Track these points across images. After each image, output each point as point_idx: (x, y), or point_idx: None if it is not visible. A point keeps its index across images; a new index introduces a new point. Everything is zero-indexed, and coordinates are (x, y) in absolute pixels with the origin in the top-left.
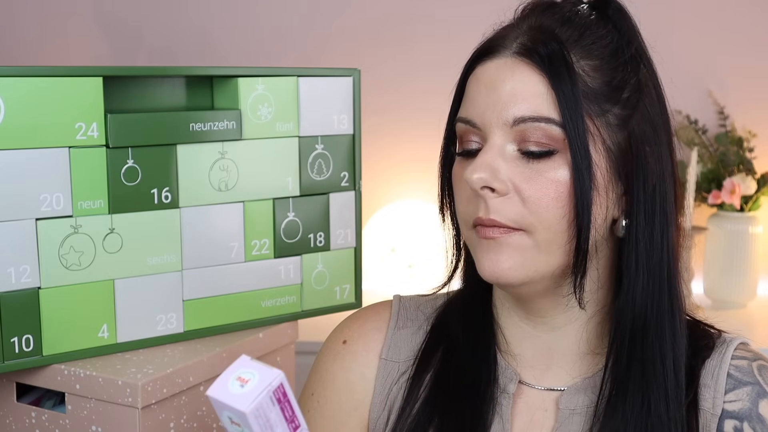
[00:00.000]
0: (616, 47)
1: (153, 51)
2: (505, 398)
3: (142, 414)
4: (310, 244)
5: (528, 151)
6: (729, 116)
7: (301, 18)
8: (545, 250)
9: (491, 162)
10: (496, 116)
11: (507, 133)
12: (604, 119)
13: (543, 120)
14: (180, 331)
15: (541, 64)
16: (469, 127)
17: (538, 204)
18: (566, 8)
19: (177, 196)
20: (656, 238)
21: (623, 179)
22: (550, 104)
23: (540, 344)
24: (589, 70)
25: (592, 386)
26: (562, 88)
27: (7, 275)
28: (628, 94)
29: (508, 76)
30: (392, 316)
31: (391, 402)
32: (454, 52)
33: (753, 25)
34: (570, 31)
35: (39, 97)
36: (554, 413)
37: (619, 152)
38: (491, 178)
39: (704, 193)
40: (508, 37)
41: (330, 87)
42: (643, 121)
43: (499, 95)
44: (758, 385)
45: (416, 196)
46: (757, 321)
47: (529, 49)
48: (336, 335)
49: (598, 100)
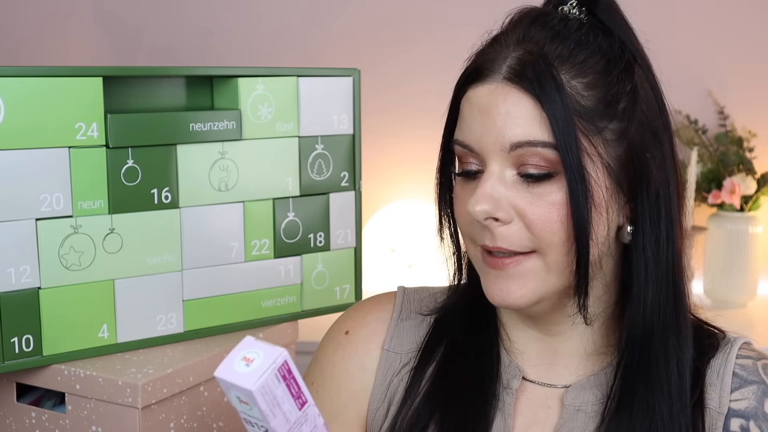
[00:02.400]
0: (608, 59)
1: (153, 51)
2: (508, 394)
3: (142, 414)
4: (310, 244)
5: (527, 174)
6: (729, 116)
7: (301, 18)
8: (555, 271)
9: (491, 192)
10: (493, 142)
11: (505, 158)
12: (600, 137)
13: (539, 144)
14: (180, 331)
15: (531, 89)
16: (466, 151)
17: (542, 228)
18: (555, 19)
19: (177, 196)
20: (662, 243)
21: (625, 190)
22: (544, 128)
23: (544, 345)
24: (582, 88)
25: (598, 384)
26: (553, 111)
27: (7, 275)
28: (624, 105)
29: (501, 101)
30: (396, 307)
31: (391, 393)
32: (454, 52)
33: (753, 25)
34: (560, 47)
35: (39, 97)
36: (558, 410)
37: (620, 166)
38: (494, 209)
39: (704, 193)
40: (497, 59)
41: (330, 87)
42: (641, 129)
43: (494, 122)
44: (764, 384)
45: (416, 196)
46: (757, 321)
47: (518, 73)
48: (339, 325)
49: (593, 119)
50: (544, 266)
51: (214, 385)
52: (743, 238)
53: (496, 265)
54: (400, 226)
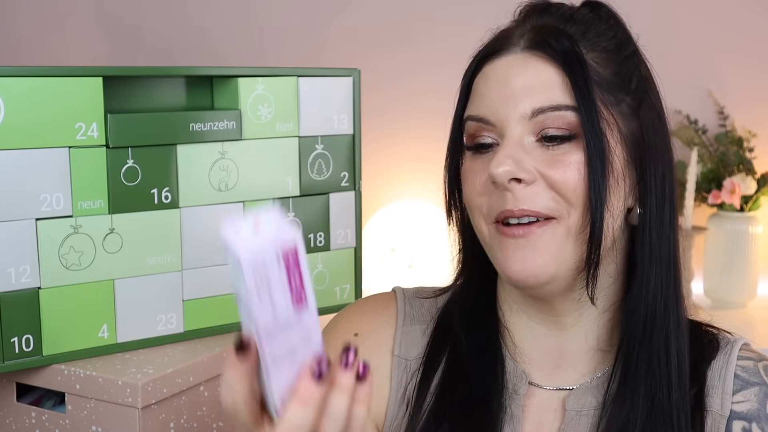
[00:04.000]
0: (619, 41)
1: (153, 51)
2: (515, 401)
3: (142, 414)
4: (310, 244)
5: (548, 136)
6: (729, 116)
7: (300, 18)
8: (573, 238)
9: (513, 154)
10: (512, 110)
11: (525, 125)
12: (618, 108)
13: (561, 108)
14: (180, 331)
15: (555, 56)
16: (481, 125)
17: (566, 186)
18: (564, 9)
19: (177, 196)
20: (665, 226)
21: (637, 168)
22: (566, 93)
23: (551, 343)
24: (599, 60)
25: (600, 387)
26: (576, 77)
27: (7, 275)
28: (636, 84)
29: (521, 70)
30: (399, 311)
31: (408, 397)
32: (454, 52)
33: (753, 25)
34: (574, 27)
35: (39, 97)
36: (561, 414)
37: (633, 140)
38: (517, 169)
39: (704, 193)
40: (514, 35)
41: (330, 87)
42: (650, 111)
43: (513, 90)
44: (765, 386)
45: (416, 196)
46: (757, 321)
47: (539, 43)
48: (344, 326)
49: (611, 90)
50: (565, 232)
51: (214, 385)
52: (743, 238)
53: (516, 233)
54: (400, 226)
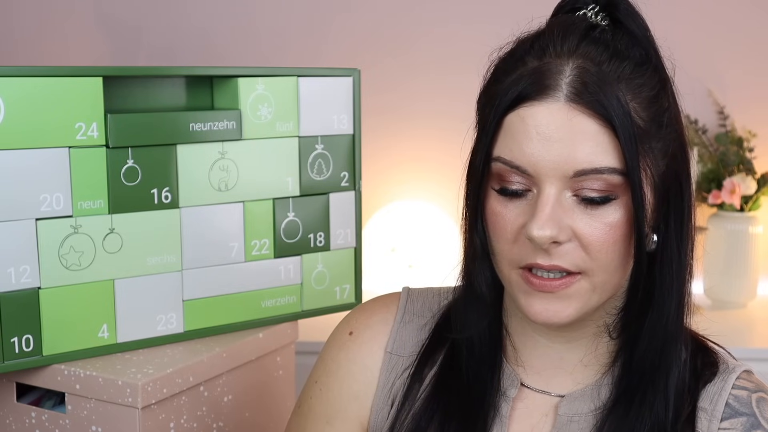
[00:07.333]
0: (661, 85)
1: (153, 51)
2: (504, 401)
3: (142, 414)
4: (310, 244)
5: (587, 198)
6: (729, 116)
7: (300, 18)
8: (599, 291)
9: (553, 215)
10: (554, 168)
11: (564, 183)
12: (651, 156)
13: (605, 171)
14: (180, 331)
15: (601, 111)
16: (514, 170)
17: (599, 250)
18: (606, 38)
19: (177, 196)
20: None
21: (661, 204)
22: (610, 153)
23: (552, 353)
24: (639, 109)
25: (593, 395)
26: (625, 137)
27: (7, 275)
28: (666, 122)
29: (565, 125)
30: (399, 309)
31: (394, 395)
32: (454, 52)
33: (753, 25)
34: (616, 65)
35: (39, 97)
36: (553, 419)
37: (661, 181)
38: (558, 233)
39: (704, 193)
40: (552, 75)
41: (330, 87)
42: (677, 145)
43: (554, 146)
44: (753, 417)
45: (416, 196)
46: (757, 321)
47: (581, 94)
48: (343, 326)
49: (648, 140)
50: (590, 287)
51: (214, 385)
52: (743, 238)
53: (545, 287)
54: (400, 226)
